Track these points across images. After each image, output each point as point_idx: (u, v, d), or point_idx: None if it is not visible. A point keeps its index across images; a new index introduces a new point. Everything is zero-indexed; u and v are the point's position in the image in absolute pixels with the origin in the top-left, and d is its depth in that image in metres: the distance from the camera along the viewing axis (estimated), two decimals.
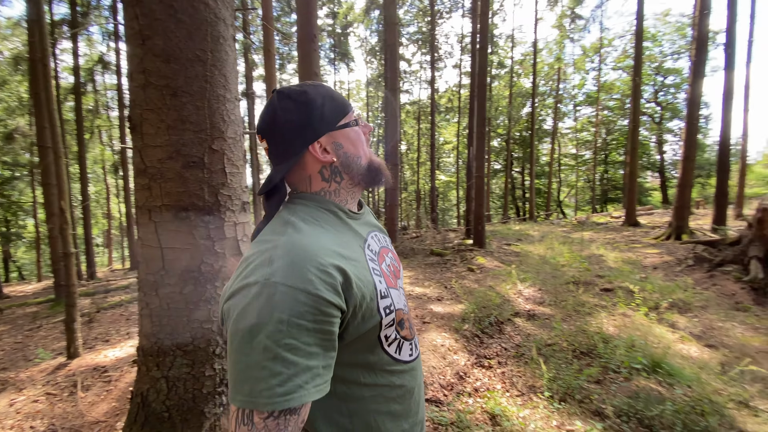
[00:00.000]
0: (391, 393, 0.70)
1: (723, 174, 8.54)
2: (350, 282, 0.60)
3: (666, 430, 2.00)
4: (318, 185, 0.73)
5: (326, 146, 0.70)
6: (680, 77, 22.75)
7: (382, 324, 0.66)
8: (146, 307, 1.68)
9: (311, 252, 0.58)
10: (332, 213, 0.72)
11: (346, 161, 0.73)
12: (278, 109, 0.68)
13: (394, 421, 0.70)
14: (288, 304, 0.52)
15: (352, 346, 0.64)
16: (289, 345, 0.52)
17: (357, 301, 0.60)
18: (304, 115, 0.68)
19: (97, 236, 24.32)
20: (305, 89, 0.70)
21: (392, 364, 0.70)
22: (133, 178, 2.26)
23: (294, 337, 0.52)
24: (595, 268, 5.95)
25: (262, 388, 0.51)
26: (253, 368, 0.51)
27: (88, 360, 3.38)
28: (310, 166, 0.71)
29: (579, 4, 19.72)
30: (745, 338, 3.34)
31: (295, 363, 0.52)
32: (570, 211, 28.56)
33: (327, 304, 0.55)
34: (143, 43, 1.51)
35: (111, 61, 12.17)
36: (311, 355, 0.54)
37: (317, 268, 0.56)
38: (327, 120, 0.70)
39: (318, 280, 0.55)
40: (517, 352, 3.19)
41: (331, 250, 0.61)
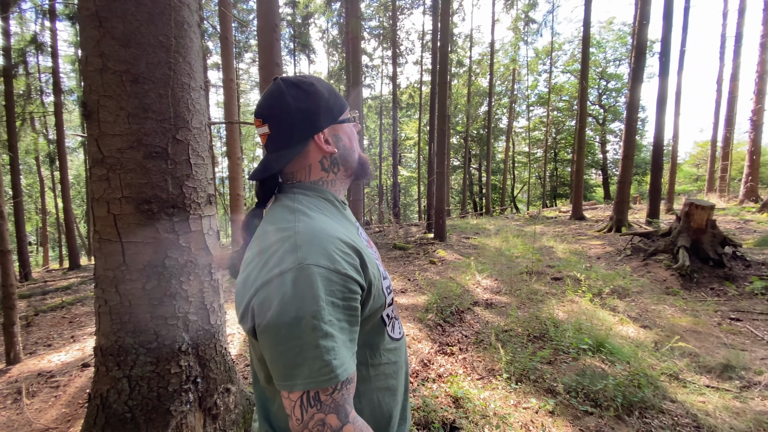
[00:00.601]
0: (389, 370, 0.74)
1: (657, 172, 9.35)
2: (365, 262, 0.64)
3: (609, 402, 2.21)
4: (317, 174, 0.75)
5: (329, 137, 0.74)
6: (621, 82, 24.61)
7: (386, 303, 0.71)
8: (105, 305, 1.60)
9: (330, 234, 0.61)
10: (330, 202, 0.75)
11: (344, 154, 0.77)
12: (287, 95, 0.69)
13: (392, 396, 0.75)
14: (324, 283, 0.55)
15: (364, 326, 0.67)
16: (331, 321, 0.55)
17: (371, 280, 0.64)
18: (313, 105, 0.70)
19: (31, 234, 22.19)
20: (312, 80, 0.72)
21: (390, 343, 0.75)
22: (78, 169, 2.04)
23: (331, 314, 0.55)
24: (546, 259, 6.34)
25: (321, 365, 0.53)
26: (308, 350, 0.53)
27: (31, 365, 3.13)
28: (313, 155, 0.74)
29: (533, 8, 20.60)
30: (675, 319, 3.74)
31: (338, 337, 0.55)
32: (523, 206, 30.01)
33: (353, 282, 0.59)
34: (100, 24, 1.43)
35: (46, 42, 11.06)
36: (343, 330, 0.57)
37: (339, 248, 0.60)
38: (332, 112, 0.73)
39: (343, 260, 0.59)
40: (477, 338, 3.36)
41: (342, 233, 0.65)
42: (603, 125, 26.36)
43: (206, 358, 1.75)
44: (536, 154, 29.76)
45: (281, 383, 0.55)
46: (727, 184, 15.15)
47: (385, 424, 0.73)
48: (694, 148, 29.51)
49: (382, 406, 0.73)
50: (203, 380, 1.73)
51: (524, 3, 20.58)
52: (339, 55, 20.66)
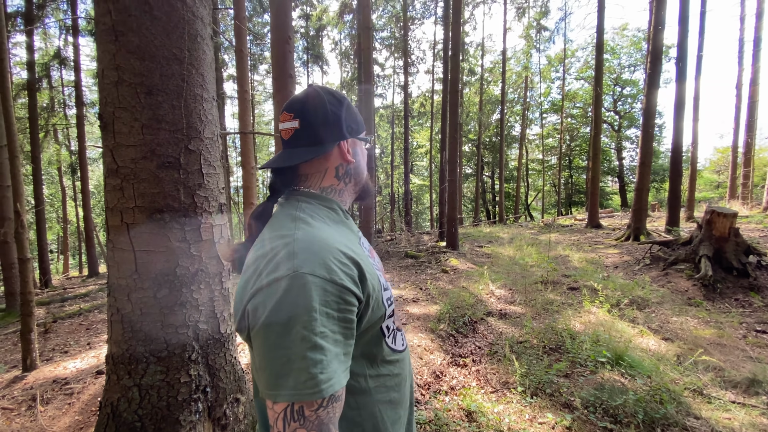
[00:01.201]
0: (390, 382, 0.73)
1: (675, 179, 9.12)
2: (364, 273, 0.63)
3: (629, 418, 2.12)
4: (329, 180, 0.77)
5: (350, 148, 0.77)
6: (636, 88, 24.24)
7: (386, 315, 0.70)
8: (117, 313, 1.61)
9: (329, 244, 0.61)
10: (334, 211, 0.75)
11: (357, 168, 0.80)
12: (322, 98, 0.73)
13: (393, 409, 0.73)
14: (318, 293, 0.54)
15: (362, 337, 0.66)
16: (323, 333, 0.53)
17: (370, 291, 0.63)
18: (345, 114, 0.74)
19: (52, 242, 22.85)
20: (340, 93, 0.76)
21: (390, 354, 0.74)
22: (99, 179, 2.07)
23: (325, 325, 0.54)
24: (562, 268, 6.21)
25: (306, 378, 0.51)
26: (295, 360, 0.52)
27: (47, 372, 3.18)
28: (332, 160, 0.76)
29: (544, 16, 20.58)
30: (698, 331, 3.59)
31: (329, 350, 0.53)
32: (537, 214, 29.61)
33: (349, 293, 0.58)
34: (116, 39, 1.46)
35: (69, 57, 11.51)
36: (337, 343, 0.55)
37: (337, 259, 0.59)
38: (356, 127, 0.77)
39: (340, 270, 0.58)
40: (491, 350, 3.29)
41: (342, 243, 0.65)
42: (619, 132, 25.95)
43: (216, 367, 1.74)
44: (550, 162, 29.42)
45: (266, 392, 0.53)
46: (749, 190, 14.68)
47: None
48: (715, 154, 28.75)
49: (384, 419, 0.71)
50: (213, 390, 1.72)
51: (536, 11, 20.58)
52: (351, 65, 20.93)
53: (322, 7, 19.84)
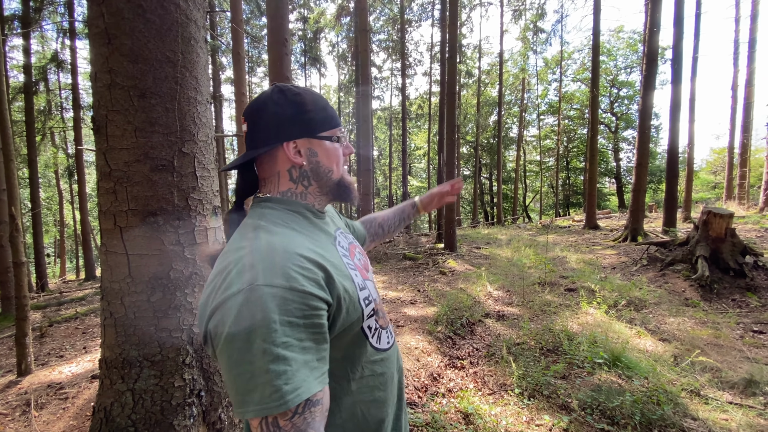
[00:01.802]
0: (374, 382, 0.72)
1: (672, 180, 9.16)
2: (330, 275, 0.61)
3: (626, 420, 2.12)
4: (285, 185, 0.74)
5: (301, 149, 0.72)
6: (633, 90, 24.36)
7: (364, 315, 0.69)
8: (110, 317, 1.60)
9: (289, 251, 0.59)
10: (300, 214, 0.73)
11: (316, 169, 0.75)
12: (269, 99, 0.71)
13: (379, 408, 0.73)
14: (277, 303, 0.53)
15: (341, 340, 0.65)
16: (286, 343, 0.52)
17: (340, 293, 0.62)
18: (290, 112, 0.70)
19: (49, 245, 22.75)
20: (301, 92, 0.72)
21: (374, 354, 0.73)
22: (96, 182, 2.07)
23: (287, 335, 0.52)
24: (559, 270, 6.21)
25: (271, 391, 0.50)
26: (258, 375, 0.51)
27: (42, 377, 3.16)
28: (281, 163, 0.73)
29: (541, 18, 20.66)
30: (695, 332, 3.60)
31: (294, 359, 0.52)
32: (535, 215, 29.67)
33: (313, 298, 0.56)
34: (109, 42, 1.46)
35: (66, 60, 11.50)
36: (306, 350, 0.54)
37: (298, 265, 0.58)
38: (310, 125, 0.72)
39: (301, 276, 0.56)
40: (488, 351, 3.28)
41: (306, 247, 0.63)
42: (616, 133, 26.05)
43: (210, 371, 1.73)
44: (548, 163, 29.50)
45: (236, 410, 0.53)
46: (746, 191, 14.75)
47: None
48: (711, 155, 28.91)
49: (367, 418, 0.70)
50: (207, 394, 1.71)
51: (532, 13, 20.66)
52: (348, 68, 20.97)
53: (319, 10, 19.88)
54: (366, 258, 0.88)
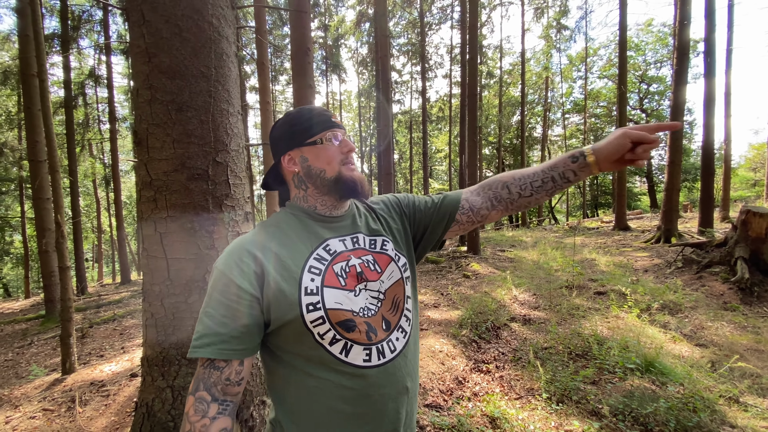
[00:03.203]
0: (338, 391, 0.72)
1: (708, 178, 8.75)
2: (265, 273, 0.72)
3: (660, 427, 2.05)
4: (293, 191, 0.87)
5: (294, 158, 0.83)
6: (664, 85, 23.40)
7: (305, 318, 0.70)
8: (151, 317, 1.70)
9: (241, 246, 0.75)
10: (296, 217, 0.84)
11: (308, 172, 0.82)
12: (275, 125, 0.87)
13: (342, 420, 0.73)
14: (215, 282, 0.71)
15: (284, 333, 0.73)
16: (207, 312, 0.70)
17: (272, 290, 0.71)
18: (282, 132, 0.84)
19: (87, 251, 23.94)
20: (296, 111, 0.85)
21: (338, 365, 0.72)
22: (134, 191, 2.16)
23: (212, 307, 0.70)
24: (588, 273, 6.04)
25: (192, 337, 0.70)
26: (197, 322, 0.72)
27: (84, 375, 3.35)
28: (286, 174, 0.87)
29: (564, 15, 20.24)
30: (734, 337, 3.43)
31: (208, 326, 0.69)
32: (562, 216, 28.90)
33: (236, 287, 0.70)
34: (149, 60, 1.56)
35: (102, 75, 12.16)
36: (222, 324, 0.69)
37: (239, 257, 0.73)
38: (295, 137, 0.82)
39: (235, 266, 0.72)
40: (515, 356, 3.24)
41: (263, 245, 0.76)
42: None
43: None
44: None
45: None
46: None
47: None
48: (750, 151, 27.37)
49: (327, 422, 0.73)
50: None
51: (555, 11, 20.27)
52: (368, 73, 21.15)
53: (339, 18, 20.20)
54: (376, 268, 0.82)
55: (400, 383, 0.78)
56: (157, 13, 1.55)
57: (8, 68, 11.67)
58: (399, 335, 0.80)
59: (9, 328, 6.41)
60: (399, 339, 0.79)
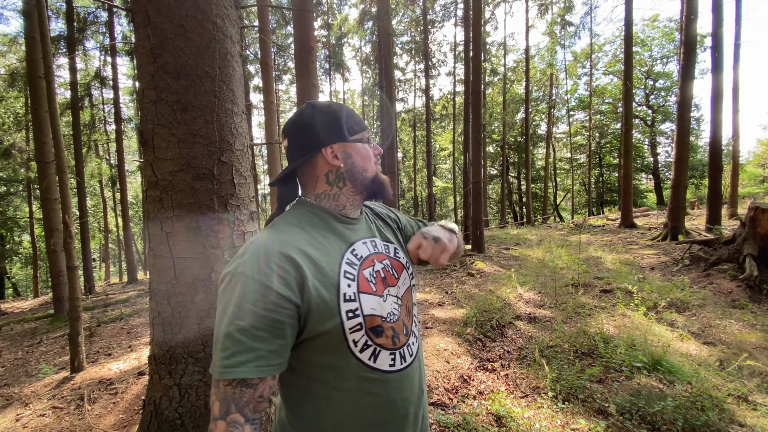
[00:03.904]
0: (364, 399, 0.71)
1: (715, 174, 8.66)
2: (305, 279, 0.65)
3: (668, 426, 2.04)
4: (321, 187, 0.80)
5: (337, 153, 0.78)
6: (670, 80, 23.15)
7: (344, 326, 0.68)
8: (158, 316, 1.71)
9: (273, 248, 0.66)
10: (319, 217, 0.78)
11: (352, 170, 0.80)
12: (304, 113, 0.79)
13: (367, 428, 0.72)
14: (244, 291, 0.62)
15: (317, 343, 0.68)
16: (238, 326, 0.60)
17: (312, 297, 0.65)
18: (323, 122, 0.78)
19: (94, 250, 24.19)
20: (330, 104, 0.81)
21: (365, 371, 0.71)
22: (140, 191, 2.19)
23: (244, 319, 0.60)
24: (594, 270, 6.01)
25: (216, 359, 0.61)
26: (217, 343, 0.62)
27: (93, 373, 3.39)
28: (320, 168, 0.79)
29: (569, 11, 20.10)
30: (742, 335, 3.40)
31: (241, 342, 0.60)
32: (567, 214, 28.73)
33: (277, 295, 0.62)
34: (154, 60, 1.57)
35: (108, 76, 12.25)
36: (258, 339, 0.61)
37: (275, 263, 0.65)
38: (342, 131, 0.78)
39: (272, 273, 0.63)
40: (520, 354, 3.23)
41: (296, 247, 0.68)
42: (652, 127, 24.83)
43: None
44: (579, 160, 28.50)
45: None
46: None
47: None
48: (758, 147, 27.02)
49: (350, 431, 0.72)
50: None
51: (560, 7, 20.13)
52: (372, 71, 21.13)
53: (342, 16, 20.19)
54: (397, 273, 0.83)
55: (417, 386, 0.81)
56: (161, 13, 1.56)
57: (15, 70, 11.80)
58: (413, 340, 0.82)
59: (19, 327, 6.49)
60: (414, 343, 0.82)
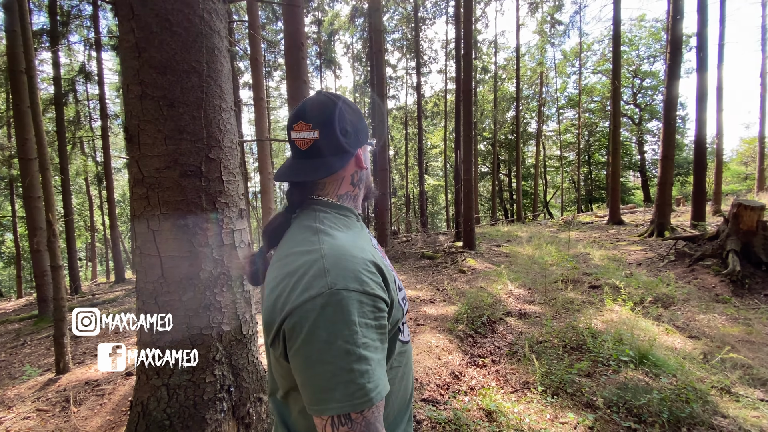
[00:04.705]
0: (399, 373, 0.75)
1: (700, 172, 8.84)
2: (387, 279, 0.65)
3: (654, 418, 2.08)
4: (345, 188, 0.78)
5: (362, 155, 0.78)
6: (657, 80, 23.52)
7: (404, 314, 0.72)
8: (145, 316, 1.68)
9: (356, 255, 0.62)
10: (347, 217, 0.76)
11: (367, 172, 0.82)
12: (341, 108, 0.72)
13: (404, 396, 0.77)
14: (355, 306, 0.56)
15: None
16: (365, 344, 0.55)
17: (393, 294, 0.65)
18: (359, 122, 0.76)
19: (80, 249, 23.73)
20: (346, 99, 0.77)
21: (401, 347, 0.75)
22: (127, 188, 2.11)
23: (366, 336, 0.56)
24: (583, 267, 6.09)
25: (354, 389, 0.53)
26: (340, 374, 0.53)
27: (79, 375, 3.33)
28: (350, 168, 0.77)
29: (558, 10, 20.24)
30: (725, 328, 3.48)
31: (372, 359, 0.56)
32: (556, 211, 29.05)
33: (380, 300, 0.60)
34: (139, 55, 1.54)
35: (93, 71, 11.99)
36: (377, 349, 0.58)
37: (367, 269, 0.61)
38: (367, 133, 0.78)
39: (370, 280, 0.60)
40: (510, 350, 3.26)
41: (366, 250, 0.66)
42: (639, 125, 25.21)
43: (239, 367, 1.80)
44: (569, 158, 28.82)
45: (313, 407, 0.55)
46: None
47: (397, 424, 0.74)
48: (741, 145, 27.61)
49: (395, 407, 0.73)
50: (236, 389, 1.78)
51: (549, 6, 20.26)
52: (363, 68, 21.05)
53: (333, 12, 20.04)
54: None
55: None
56: (146, 6, 1.53)
57: None
58: None
59: (1, 328, 6.35)
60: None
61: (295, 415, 0.69)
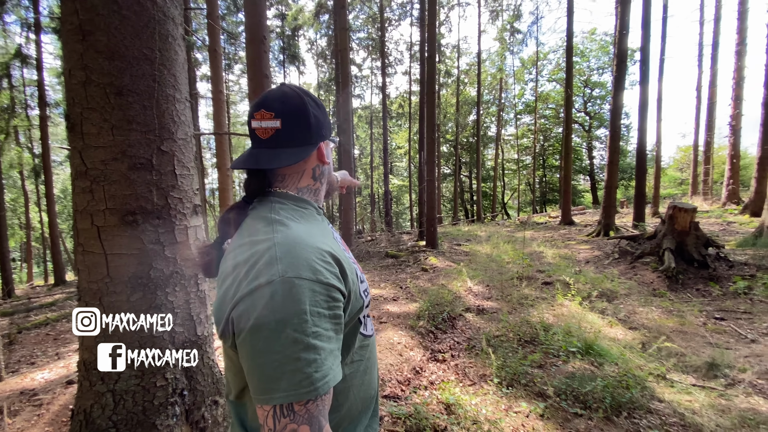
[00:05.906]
0: (362, 366, 0.76)
1: (641, 176, 9.55)
2: (344, 268, 0.64)
3: (598, 404, 2.23)
4: (306, 181, 0.78)
5: (325, 149, 0.78)
6: (605, 90, 25.19)
7: (364, 306, 0.72)
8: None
9: (310, 245, 0.61)
10: (306, 209, 0.75)
11: (329, 167, 0.82)
12: (306, 100, 0.72)
13: (366, 392, 0.77)
14: (307, 295, 0.55)
15: (345, 330, 0.67)
16: (315, 333, 0.54)
17: (351, 286, 0.65)
18: (323, 117, 0.76)
19: (14, 249, 21.68)
20: (309, 93, 0.76)
21: (363, 341, 0.76)
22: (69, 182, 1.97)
23: (317, 324, 0.55)
24: (537, 264, 6.40)
25: (301, 378, 0.52)
26: (287, 363, 0.52)
27: (13, 384, 3.04)
28: (311, 161, 0.77)
29: (517, 19, 21.10)
30: (661, 320, 3.79)
31: (323, 348, 0.54)
32: (513, 212, 30.29)
33: (335, 290, 0.59)
34: (84, 38, 1.44)
35: (31, 55, 10.98)
36: (330, 339, 0.57)
37: (321, 259, 0.60)
38: (329, 128, 0.78)
39: (325, 270, 0.59)
40: (469, 344, 3.37)
41: (322, 241, 0.66)
42: (589, 132, 26.89)
43: (193, 370, 1.73)
44: (525, 161, 30.16)
45: (258, 396, 0.53)
46: (710, 187, 15.52)
47: (359, 419, 0.75)
48: (678, 153, 30.21)
49: (357, 402, 0.74)
50: (190, 393, 1.71)
51: (509, 14, 21.07)
52: (328, 66, 20.84)
53: (297, 7, 19.67)
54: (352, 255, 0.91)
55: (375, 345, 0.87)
56: None
57: None
58: None
59: None
60: None
61: (251, 414, 0.68)
